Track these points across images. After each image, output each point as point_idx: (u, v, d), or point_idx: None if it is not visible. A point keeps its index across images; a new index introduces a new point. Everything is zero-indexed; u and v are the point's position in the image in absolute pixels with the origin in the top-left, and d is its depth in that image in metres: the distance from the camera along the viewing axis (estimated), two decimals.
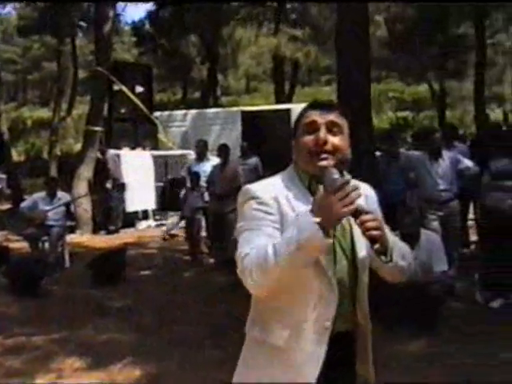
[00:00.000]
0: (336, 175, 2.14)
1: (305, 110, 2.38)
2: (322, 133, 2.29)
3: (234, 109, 20.71)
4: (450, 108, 32.86)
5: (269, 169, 11.96)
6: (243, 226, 2.26)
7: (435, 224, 7.58)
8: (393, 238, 2.33)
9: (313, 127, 2.32)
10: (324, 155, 2.27)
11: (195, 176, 10.88)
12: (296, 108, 18.75)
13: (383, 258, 2.25)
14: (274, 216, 2.25)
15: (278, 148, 16.58)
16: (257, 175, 11.60)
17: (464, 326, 6.43)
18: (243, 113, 18.58)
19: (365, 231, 2.13)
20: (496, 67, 28.66)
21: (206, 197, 10.80)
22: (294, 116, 17.86)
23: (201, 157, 11.58)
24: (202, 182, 10.78)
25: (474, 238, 9.35)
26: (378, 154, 8.53)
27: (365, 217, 2.12)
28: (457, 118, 32.24)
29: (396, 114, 36.06)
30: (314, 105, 2.38)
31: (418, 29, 24.89)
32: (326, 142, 2.28)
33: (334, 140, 2.29)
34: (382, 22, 28.63)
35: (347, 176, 2.31)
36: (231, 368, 2.47)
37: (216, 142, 16.00)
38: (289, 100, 27.83)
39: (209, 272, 9.56)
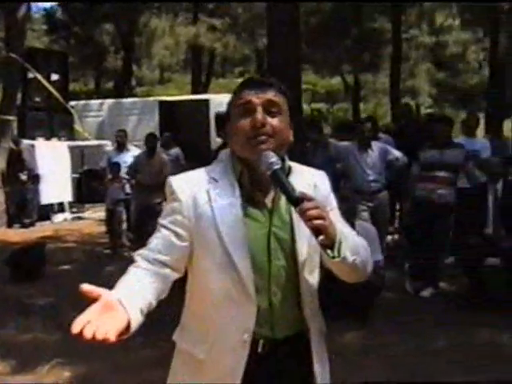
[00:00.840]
0: (273, 158, 1.95)
1: (238, 90, 2.10)
2: (259, 114, 2.02)
3: (152, 99, 20.37)
4: (363, 101, 33.47)
5: (187, 159, 11.88)
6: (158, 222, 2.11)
7: (365, 214, 7.56)
8: (344, 230, 2.03)
9: (248, 108, 2.05)
10: (262, 137, 2.02)
11: (115, 167, 10.55)
12: (215, 98, 18.64)
13: (329, 252, 1.93)
14: (183, 216, 2.05)
15: (196, 138, 16.52)
16: (179, 166, 11.46)
17: (396, 316, 6.44)
18: (161, 103, 18.34)
19: (306, 221, 1.87)
20: (409, 61, 29.22)
21: (127, 188, 10.52)
22: (212, 106, 17.84)
23: (121, 147, 11.27)
24: (122, 173, 10.49)
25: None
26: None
27: (306, 204, 1.87)
28: (370, 110, 32.88)
29: (311, 106, 36.45)
30: (248, 83, 2.12)
31: (333, 22, 25.10)
32: (264, 125, 2.02)
33: (273, 121, 2.04)
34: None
35: (288, 161, 2.11)
36: (166, 369, 2.28)
37: (133, 132, 15.73)
38: (205, 91, 27.59)
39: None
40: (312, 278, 2.14)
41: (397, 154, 7.87)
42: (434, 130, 7.34)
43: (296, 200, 1.89)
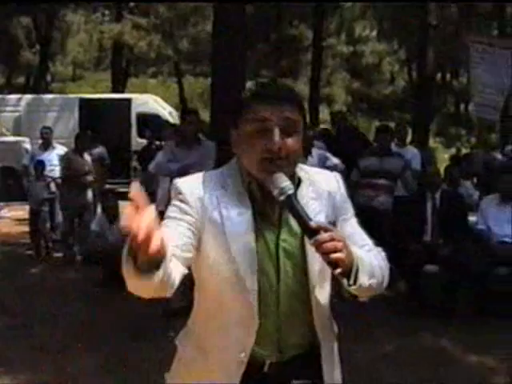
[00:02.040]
0: (286, 183, 1.82)
1: (251, 100, 1.91)
2: (277, 137, 1.85)
3: (72, 96, 19.86)
4: None
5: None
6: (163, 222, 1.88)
7: None
8: (359, 254, 1.87)
9: (264, 127, 1.87)
10: (278, 162, 1.86)
11: (40, 165, 10.17)
12: (137, 98, 18.39)
13: (345, 281, 1.82)
14: (192, 218, 1.91)
15: (116, 138, 16.24)
16: (103, 166, 11.25)
17: (337, 319, 6.44)
18: (81, 100, 17.90)
19: (322, 254, 1.73)
20: (326, 69, 29.69)
21: (53, 187, 10.18)
22: (134, 106, 17.60)
23: (46, 145, 10.87)
24: (47, 172, 10.14)
25: None
26: None
27: (322, 237, 1.72)
28: None
29: None
30: (263, 95, 1.92)
31: (253, 27, 25.20)
32: (280, 149, 1.86)
33: (289, 142, 1.87)
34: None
35: (298, 170, 1.99)
36: (111, 375, 2.18)
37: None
38: (122, 90, 27.17)
39: (59, 268, 8.95)
40: (324, 290, 2.05)
41: (335, 161, 7.92)
42: (375, 139, 7.50)
43: (311, 231, 1.75)
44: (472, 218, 7.27)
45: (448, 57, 25.47)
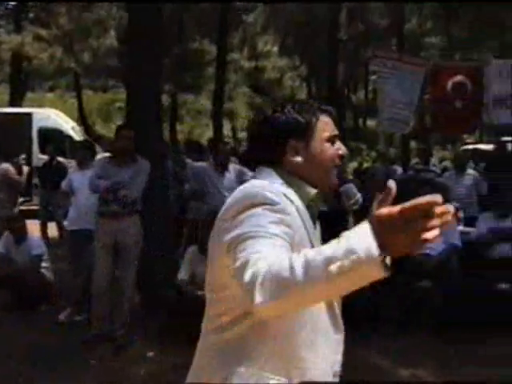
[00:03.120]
0: (358, 193, 1.81)
1: (323, 113, 2.04)
2: (343, 146, 2.07)
3: None
4: (179, 121, 33.39)
5: None
6: (247, 233, 1.71)
7: None
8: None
9: (334, 139, 2.04)
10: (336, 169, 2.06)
11: None
12: (38, 112, 17.72)
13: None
14: (288, 228, 1.77)
15: (16, 154, 15.52)
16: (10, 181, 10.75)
17: None
18: None
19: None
20: (228, 84, 29.70)
21: None
22: (35, 120, 16.93)
23: None
24: None
25: None
26: None
27: None
28: (186, 131, 32.91)
29: None
30: (329, 111, 2.07)
31: None
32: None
33: None
34: (113, 30, 28.22)
35: None
36: None
37: None
38: (20, 104, 26.19)
39: None
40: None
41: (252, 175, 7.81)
42: None
43: None
44: None
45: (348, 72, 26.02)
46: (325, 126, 2.03)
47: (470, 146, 17.02)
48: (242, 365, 1.85)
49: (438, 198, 1.42)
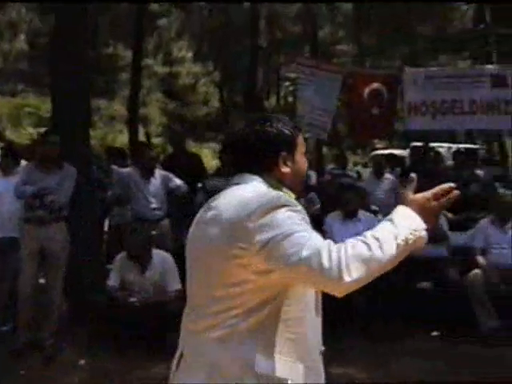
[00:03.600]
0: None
1: (297, 131, 2.29)
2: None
3: None
4: (93, 127, 32.88)
5: None
6: (286, 231, 1.93)
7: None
8: None
9: (304, 151, 2.34)
10: None
11: None
12: None
13: None
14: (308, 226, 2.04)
15: None
16: None
17: None
18: None
19: None
20: (142, 90, 29.51)
21: None
22: None
23: None
24: None
25: None
26: None
27: None
28: (99, 137, 32.43)
29: (37, 130, 34.97)
30: (299, 127, 2.34)
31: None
32: None
33: None
34: (23, 34, 27.60)
35: None
36: None
37: None
38: None
39: None
40: None
41: (178, 182, 7.83)
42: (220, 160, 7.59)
43: None
44: None
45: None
46: (302, 140, 2.29)
47: (386, 152, 17.47)
48: (263, 351, 2.04)
49: (451, 184, 2.05)
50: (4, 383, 5.39)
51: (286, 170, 2.22)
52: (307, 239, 1.92)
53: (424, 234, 1.95)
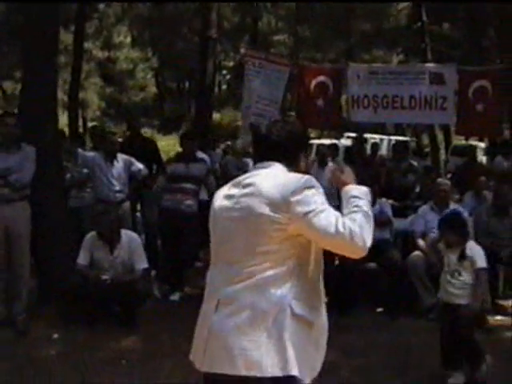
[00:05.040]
0: None
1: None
2: None
3: None
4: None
5: None
6: (319, 207, 2.55)
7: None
8: None
9: None
10: None
11: None
12: None
13: None
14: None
15: None
16: None
17: (158, 321, 6.75)
18: None
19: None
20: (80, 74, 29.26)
21: None
22: None
23: None
24: None
25: None
26: None
27: None
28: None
29: None
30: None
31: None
32: None
33: None
34: None
35: None
36: None
37: None
38: None
39: None
40: None
41: (139, 165, 8.20)
42: (181, 145, 7.98)
43: None
44: None
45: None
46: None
47: (327, 142, 17.92)
48: (295, 295, 2.60)
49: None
50: None
51: (302, 164, 2.87)
52: (333, 213, 2.56)
53: (365, 188, 2.75)
